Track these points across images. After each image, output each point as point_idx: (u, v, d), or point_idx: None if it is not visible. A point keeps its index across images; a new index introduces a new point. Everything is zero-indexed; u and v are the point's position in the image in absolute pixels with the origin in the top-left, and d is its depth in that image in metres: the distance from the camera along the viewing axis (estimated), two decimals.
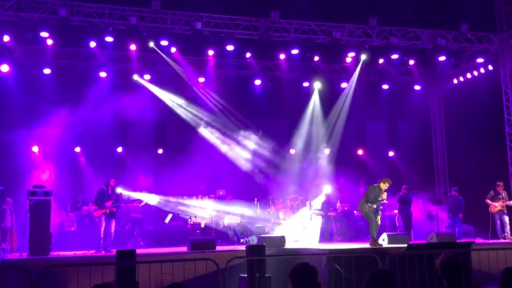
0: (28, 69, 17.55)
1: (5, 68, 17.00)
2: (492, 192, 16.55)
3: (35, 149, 18.01)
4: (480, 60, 18.85)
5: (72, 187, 18.36)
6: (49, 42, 16.42)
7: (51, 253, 13.16)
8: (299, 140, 21.39)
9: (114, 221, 14.38)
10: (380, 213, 13.70)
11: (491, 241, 15.17)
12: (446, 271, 5.31)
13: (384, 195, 13.14)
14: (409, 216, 17.67)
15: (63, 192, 17.68)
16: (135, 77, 18.74)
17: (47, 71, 17.64)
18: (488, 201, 16.51)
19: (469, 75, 19.91)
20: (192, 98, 19.64)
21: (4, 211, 15.65)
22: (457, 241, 14.42)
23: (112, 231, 14.23)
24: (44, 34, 15.96)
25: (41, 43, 16.48)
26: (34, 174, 17.17)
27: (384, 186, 13.09)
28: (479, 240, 15.33)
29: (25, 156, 17.71)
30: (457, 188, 18.16)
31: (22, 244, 14.17)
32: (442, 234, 14.73)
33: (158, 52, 17.79)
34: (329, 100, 20.84)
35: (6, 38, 16.09)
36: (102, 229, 13.98)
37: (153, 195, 18.13)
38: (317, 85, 20.49)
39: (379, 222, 13.39)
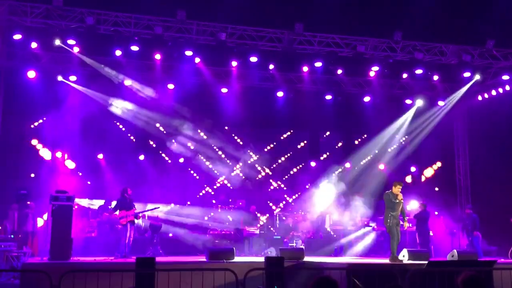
0: (54, 76, 17.76)
1: (31, 74, 17.24)
2: None
3: (58, 154, 18.23)
4: (505, 77, 18.65)
5: (94, 193, 18.57)
6: (76, 49, 16.63)
7: (71, 258, 13.28)
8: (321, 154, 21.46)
9: (133, 228, 14.61)
10: (406, 218, 13.63)
11: None
12: None
13: (400, 196, 13.18)
14: (427, 233, 17.50)
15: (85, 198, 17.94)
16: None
17: (73, 78, 17.86)
18: None
19: (494, 92, 19.68)
20: (214, 107, 19.71)
21: (26, 215, 15.83)
22: (479, 259, 14.22)
23: (131, 238, 14.42)
24: (71, 41, 16.18)
25: (67, 50, 16.68)
26: (57, 179, 17.37)
27: (396, 189, 13.24)
28: (501, 260, 15.07)
29: (49, 161, 17.92)
30: (471, 206, 18.02)
31: (43, 248, 14.33)
32: (463, 252, 14.52)
33: (183, 62, 17.88)
34: (351, 113, 20.80)
35: (34, 45, 16.33)
36: (128, 235, 14.23)
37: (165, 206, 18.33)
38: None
39: (406, 226, 13.52)
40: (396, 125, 20.89)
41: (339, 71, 19.06)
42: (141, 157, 19.73)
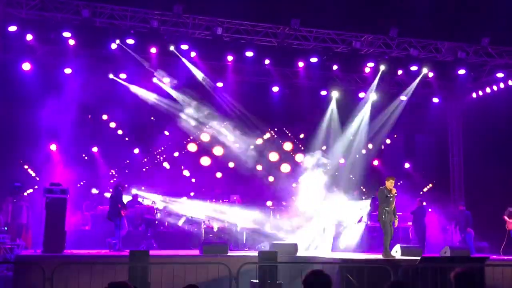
0: (49, 68, 17.67)
1: (26, 66, 17.15)
2: (510, 209, 16.39)
3: (53, 147, 18.20)
4: (500, 74, 18.71)
5: (88, 186, 18.57)
6: (71, 42, 16.54)
7: (64, 251, 13.28)
8: (315, 149, 21.44)
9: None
10: (397, 217, 13.60)
11: (505, 258, 15.01)
12: (460, 285, 5.29)
13: (393, 190, 13.22)
14: (423, 229, 17.60)
15: (79, 191, 17.92)
16: (154, 80, 18.84)
17: (68, 70, 17.78)
18: (506, 218, 16.36)
19: (488, 90, 19.76)
20: (210, 102, 19.70)
21: (21, 207, 15.81)
22: (471, 256, 14.30)
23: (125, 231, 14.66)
24: (66, 34, 16.09)
25: (63, 43, 16.60)
26: (51, 171, 17.36)
27: (389, 184, 13.24)
28: (493, 256, 15.15)
29: (43, 153, 17.89)
30: (464, 203, 18.11)
31: (37, 241, 14.33)
32: (455, 248, 14.60)
33: (178, 56, 17.83)
34: (346, 109, 20.79)
35: (29, 37, 16.22)
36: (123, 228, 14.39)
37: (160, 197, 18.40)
38: (335, 94, 20.41)
39: (396, 224, 13.45)
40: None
41: (335, 67, 19.05)
42: (136, 151, 19.69)
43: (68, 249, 13.66)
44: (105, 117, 19.22)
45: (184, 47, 17.08)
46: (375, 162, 21.85)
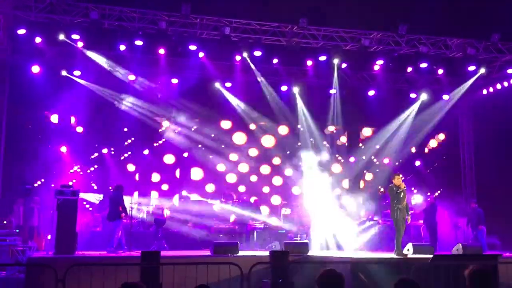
0: (58, 71, 17.74)
1: (36, 69, 17.23)
2: None
3: (63, 149, 18.26)
4: (510, 71, 18.57)
5: (99, 188, 18.62)
6: (80, 44, 16.60)
7: (76, 252, 13.32)
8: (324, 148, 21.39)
9: None
10: (409, 213, 13.51)
11: None
12: (474, 282, 5.24)
13: (402, 185, 13.18)
14: (434, 226, 17.51)
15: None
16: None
17: (77, 73, 17.84)
18: None
19: (499, 86, 19.62)
20: (218, 102, 19.70)
21: (32, 210, 15.87)
22: (484, 253, 14.21)
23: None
24: (75, 36, 16.12)
25: (72, 45, 16.64)
26: (62, 173, 17.43)
27: (396, 181, 13.22)
28: (506, 254, 15.02)
29: (54, 156, 17.96)
30: (476, 200, 18.02)
31: (49, 243, 14.39)
32: (468, 245, 14.51)
33: (187, 57, 17.86)
34: (355, 107, 20.71)
35: (38, 40, 16.29)
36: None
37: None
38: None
39: (409, 220, 13.46)
40: (400, 119, 20.79)
41: (344, 65, 18.97)
42: (146, 152, 19.72)
43: (79, 250, 13.70)
44: (115, 118, 19.24)
45: (193, 47, 17.06)
46: (385, 160, 21.74)
